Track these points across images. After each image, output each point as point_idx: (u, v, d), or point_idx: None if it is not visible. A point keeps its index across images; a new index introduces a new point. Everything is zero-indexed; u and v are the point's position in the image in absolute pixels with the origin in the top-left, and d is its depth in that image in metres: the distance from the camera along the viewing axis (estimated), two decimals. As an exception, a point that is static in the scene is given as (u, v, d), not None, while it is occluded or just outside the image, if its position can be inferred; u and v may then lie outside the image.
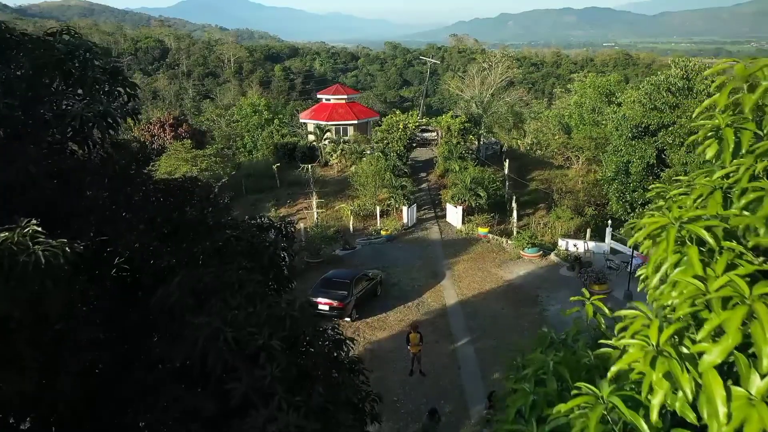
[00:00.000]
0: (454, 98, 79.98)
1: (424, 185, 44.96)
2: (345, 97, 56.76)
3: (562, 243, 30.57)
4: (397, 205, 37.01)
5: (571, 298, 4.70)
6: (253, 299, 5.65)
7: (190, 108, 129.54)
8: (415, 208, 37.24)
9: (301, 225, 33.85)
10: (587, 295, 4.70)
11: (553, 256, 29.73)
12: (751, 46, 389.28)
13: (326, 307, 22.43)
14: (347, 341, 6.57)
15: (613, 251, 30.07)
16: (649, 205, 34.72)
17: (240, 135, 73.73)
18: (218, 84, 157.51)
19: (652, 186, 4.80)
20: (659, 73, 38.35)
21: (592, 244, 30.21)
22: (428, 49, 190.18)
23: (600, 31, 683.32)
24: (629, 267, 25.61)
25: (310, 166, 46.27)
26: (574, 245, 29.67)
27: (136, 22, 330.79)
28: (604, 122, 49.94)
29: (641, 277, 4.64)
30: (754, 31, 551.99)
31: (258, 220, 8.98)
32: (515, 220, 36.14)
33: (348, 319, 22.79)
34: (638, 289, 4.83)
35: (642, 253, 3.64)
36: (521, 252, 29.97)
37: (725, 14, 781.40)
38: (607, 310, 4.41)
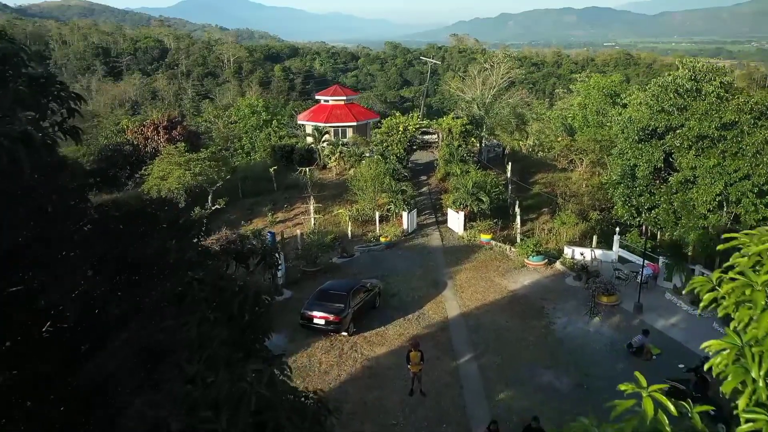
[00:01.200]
0: (454, 98, 79.02)
1: (424, 189, 43.88)
2: (344, 98, 55.67)
3: (567, 251, 29.46)
4: (396, 211, 35.92)
5: (623, 387, 3.57)
6: (215, 363, 4.59)
7: (189, 108, 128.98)
8: (415, 214, 36.16)
9: (298, 231, 32.77)
10: (601, 311, 3.60)
11: (558, 265, 28.61)
12: (751, 45, 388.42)
13: (322, 321, 21.38)
14: (331, 414, 5.45)
15: (621, 260, 28.99)
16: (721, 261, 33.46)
17: (238, 136, 72.73)
18: (218, 84, 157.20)
19: (726, 235, 3.74)
20: (666, 74, 37.25)
21: (599, 252, 29.11)
22: (429, 49, 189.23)
23: (600, 31, 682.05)
24: (639, 277, 24.49)
25: (308, 169, 45.28)
26: (581, 254, 28.56)
27: (137, 22, 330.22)
28: (608, 124, 48.79)
29: (711, 356, 3.58)
30: (753, 30, 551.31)
31: (239, 244, 7.89)
32: (519, 225, 35.07)
33: (345, 333, 21.73)
34: (706, 370, 3.76)
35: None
36: (525, 260, 28.86)
37: (725, 14, 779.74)
38: (672, 408, 3.31)
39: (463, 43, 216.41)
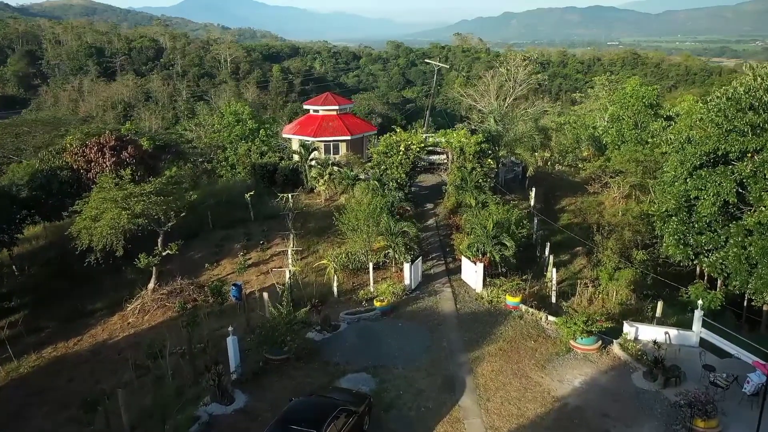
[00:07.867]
0: (458, 99, 71.88)
1: (431, 221, 36.04)
2: (336, 107, 47.79)
3: (629, 329, 21.58)
4: (396, 257, 28.12)
5: None
6: None
7: (183, 110, 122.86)
8: (420, 262, 28.29)
9: (265, 295, 24.87)
10: None
11: (617, 349, 20.79)
12: (756, 45, 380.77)
13: (277, 483, 13.62)
14: None
15: (704, 343, 21.11)
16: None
17: (221, 147, 65.10)
18: (214, 85, 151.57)
19: None
20: (735, 83, 29.52)
21: (673, 333, 21.18)
22: (432, 48, 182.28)
23: (603, 30, 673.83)
24: (750, 387, 16.70)
25: (290, 195, 37.69)
26: (654, 341, 20.44)
27: (138, 21, 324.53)
28: (650, 140, 40.95)
29: None
30: (757, 29, 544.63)
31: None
32: (554, 277, 27.24)
33: (313, 497, 13.99)
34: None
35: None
36: (572, 342, 21.08)
37: (728, 13, 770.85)
38: None
39: (467, 43, 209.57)
